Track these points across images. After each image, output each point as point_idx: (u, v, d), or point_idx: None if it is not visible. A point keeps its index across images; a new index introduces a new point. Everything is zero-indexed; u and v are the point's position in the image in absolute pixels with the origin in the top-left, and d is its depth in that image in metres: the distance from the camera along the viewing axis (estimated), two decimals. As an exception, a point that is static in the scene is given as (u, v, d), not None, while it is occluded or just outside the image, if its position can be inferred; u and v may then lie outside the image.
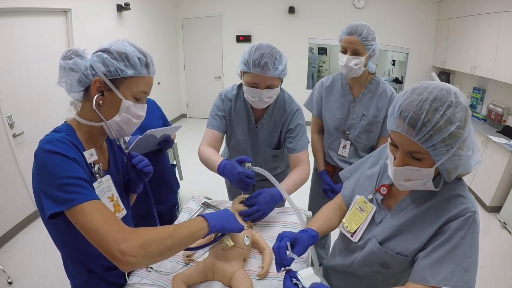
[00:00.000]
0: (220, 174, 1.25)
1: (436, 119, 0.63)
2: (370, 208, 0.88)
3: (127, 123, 0.85)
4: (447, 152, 0.66)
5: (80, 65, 0.79)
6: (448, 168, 0.70)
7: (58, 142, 0.74)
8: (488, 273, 2.25)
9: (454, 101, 0.64)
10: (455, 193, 0.75)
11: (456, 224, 0.71)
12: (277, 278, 0.98)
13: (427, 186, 0.73)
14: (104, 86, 0.80)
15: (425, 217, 0.76)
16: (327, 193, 1.68)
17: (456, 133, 0.64)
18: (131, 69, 0.80)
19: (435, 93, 0.65)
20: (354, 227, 0.91)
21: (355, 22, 1.45)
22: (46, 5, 2.85)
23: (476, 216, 0.72)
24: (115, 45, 0.80)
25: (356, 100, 1.59)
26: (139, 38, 4.55)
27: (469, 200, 0.74)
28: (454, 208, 0.73)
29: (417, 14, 4.87)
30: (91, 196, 0.71)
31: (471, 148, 0.69)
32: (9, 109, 2.49)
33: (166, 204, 1.79)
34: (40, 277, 2.16)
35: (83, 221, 0.68)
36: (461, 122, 0.64)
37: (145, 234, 0.70)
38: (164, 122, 1.76)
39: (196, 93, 6.17)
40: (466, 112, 0.66)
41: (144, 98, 0.88)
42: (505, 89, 3.44)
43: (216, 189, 2.80)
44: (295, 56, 5.30)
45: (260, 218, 1.19)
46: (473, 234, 0.71)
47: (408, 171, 0.71)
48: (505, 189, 2.90)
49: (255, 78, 1.24)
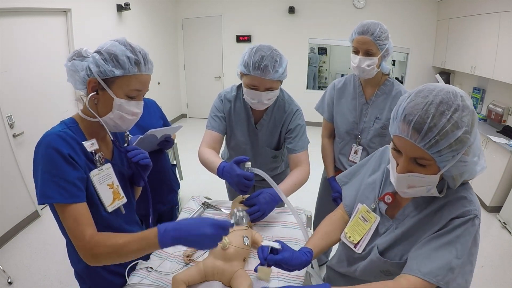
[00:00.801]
0: (220, 176, 1.24)
1: (443, 123, 0.60)
2: (374, 218, 0.84)
3: (122, 119, 0.88)
4: (453, 158, 0.63)
5: (79, 67, 0.84)
6: (454, 175, 0.67)
7: (57, 137, 0.80)
8: (488, 273, 2.25)
9: (461, 104, 0.61)
10: (458, 195, 0.72)
11: (456, 223, 0.69)
12: (277, 278, 0.98)
13: (431, 192, 0.70)
14: (98, 86, 0.84)
15: (427, 223, 0.74)
16: (336, 201, 1.61)
17: (463, 138, 0.61)
18: (120, 69, 0.82)
19: (441, 96, 0.62)
20: (357, 237, 0.87)
21: (367, 20, 1.38)
22: (46, 5, 2.85)
23: (476, 220, 0.69)
24: (106, 46, 0.83)
25: (369, 102, 1.53)
26: (139, 38, 4.55)
27: (473, 204, 0.71)
28: (456, 210, 0.70)
29: (417, 14, 4.87)
30: (70, 199, 0.78)
31: (477, 154, 0.66)
32: (9, 109, 2.49)
33: (167, 204, 1.79)
34: (40, 277, 2.16)
35: (61, 218, 0.80)
36: (468, 126, 0.61)
37: (97, 244, 0.77)
38: (164, 122, 1.76)
39: (196, 93, 6.17)
40: (473, 116, 0.63)
41: (139, 95, 0.90)
42: (505, 89, 3.44)
43: (216, 189, 2.80)
44: (295, 56, 5.30)
45: (260, 218, 1.19)
46: (468, 237, 0.68)
47: (412, 178, 0.68)
48: (505, 189, 2.90)
49: (254, 81, 1.24)
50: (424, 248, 0.71)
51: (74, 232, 0.78)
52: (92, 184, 0.86)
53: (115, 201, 0.93)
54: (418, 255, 0.71)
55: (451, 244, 0.68)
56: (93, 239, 0.77)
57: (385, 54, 1.42)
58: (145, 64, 0.87)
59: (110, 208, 0.91)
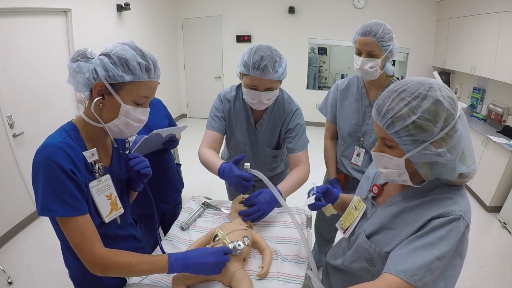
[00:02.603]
0: (221, 177, 1.24)
1: (400, 107, 0.66)
2: (362, 206, 0.91)
3: (127, 126, 0.86)
4: (414, 143, 0.67)
5: (84, 68, 0.80)
6: (420, 163, 0.69)
7: (58, 149, 0.77)
8: (488, 273, 2.24)
9: (424, 93, 0.65)
10: (444, 195, 0.73)
11: (437, 222, 0.68)
12: (277, 278, 0.98)
13: (403, 178, 0.74)
14: (104, 90, 0.81)
15: (410, 214, 0.75)
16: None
17: (422, 125, 0.65)
18: (130, 74, 0.79)
19: (408, 85, 0.68)
20: (347, 224, 0.95)
21: (370, 21, 1.34)
22: (46, 5, 2.85)
23: (461, 222, 0.67)
24: (116, 49, 0.80)
25: (372, 104, 1.50)
26: (139, 38, 4.55)
27: (458, 204, 0.70)
28: (439, 208, 0.70)
29: (417, 14, 4.87)
30: (74, 212, 0.77)
31: (458, 154, 0.68)
32: (9, 109, 2.49)
33: (171, 203, 1.80)
34: (40, 277, 2.16)
35: (64, 231, 0.79)
36: (430, 115, 0.64)
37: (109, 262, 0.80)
38: (169, 122, 1.75)
39: (196, 93, 6.17)
40: (440, 107, 0.64)
41: (146, 102, 0.88)
42: (505, 89, 3.44)
43: (216, 189, 2.80)
44: (295, 56, 5.30)
45: (260, 218, 1.19)
46: (453, 239, 0.67)
47: (383, 158, 0.74)
48: (505, 189, 2.90)
49: (254, 81, 1.23)
50: (404, 248, 0.71)
51: (81, 246, 0.78)
52: (90, 195, 0.84)
53: (113, 212, 0.92)
54: (398, 254, 0.71)
55: (432, 245, 0.67)
56: (104, 256, 0.79)
57: (389, 55, 1.37)
58: (155, 71, 0.85)
59: (107, 219, 0.90)
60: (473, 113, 3.94)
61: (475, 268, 2.28)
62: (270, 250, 1.08)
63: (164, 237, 1.21)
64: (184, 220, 1.27)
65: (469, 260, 2.36)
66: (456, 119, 0.66)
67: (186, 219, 1.28)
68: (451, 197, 0.72)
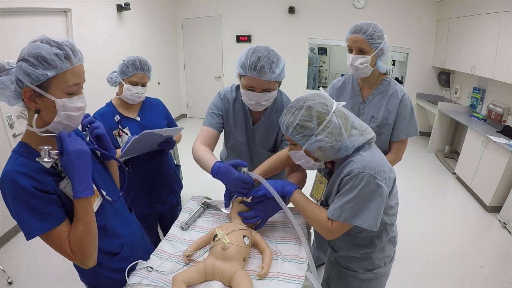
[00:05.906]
0: (214, 176, 1.22)
1: (289, 117, 0.97)
2: (325, 180, 1.16)
3: (69, 119, 0.83)
4: (304, 138, 0.96)
5: (7, 82, 0.78)
6: (313, 150, 0.97)
7: (14, 173, 0.77)
8: (488, 273, 2.24)
9: (301, 105, 0.96)
10: (348, 160, 0.99)
11: (345, 180, 0.97)
12: (277, 278, 0.98)
13: (311, 163, 1.03)
14: (34, 93, 0.78)
15: (336, 179, 1.02)
16: None
17: (303, 125, 0.94)
18: (51, 69, 0.76)
19: (294, 103, 0.99)
20: (319, 195, 1.20)
21: (362, 21, 1.42)
22: (46, 5, 2.85)
23: (360, 175, 0.93)
24: (30, 50, 0.77)
25: (366, 102, 1.55)
26: (139, 38, 4.56)
27: (356, 163, 0.95)
28: (345, 171, 0.98)
29: (417, 14, 4.87)
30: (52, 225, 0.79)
31: (343, 136, 0.95)
32: (9, 109, 2.49)
33: (167, 204, 1.79)
34: (40, 277, 2.16)
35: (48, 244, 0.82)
36: (306, 117, 0.94)
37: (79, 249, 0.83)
38: (169, 123, 1.74)
39: (196, 93, 6.17)
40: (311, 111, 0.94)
41: (79, 88, 0.85)
42: (505, 89, 3.44)
43: (216, 189, 2.79)
44: (295, 56, 5.30)
45: (260, 226, 1.19)
46: (356, 188, 0.94)
47: (294, 154, 1.04)
48: (505, 189, 2.90)
49: (251, 82, 1.23)
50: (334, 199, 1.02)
51: (63, 252, 0.82)
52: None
53: (96, 200, 0.93)
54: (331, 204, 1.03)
55: (343, 194, 0.98)
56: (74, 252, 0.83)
57: (380, 53, 1.44)
58: (75, 56, 0.81)
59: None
60: (473, 113, 3.94)
61: (475, 268, 2.28)
62: (270, 250, 1.08)
63: (164, 237, 1.21)
64: (184, 220, 1.27)
65: (469, 260, 2.36)
66: (330, 115, 0.94)
67: (186, 219, 1.28)
68: (352, 160, 0.98)
